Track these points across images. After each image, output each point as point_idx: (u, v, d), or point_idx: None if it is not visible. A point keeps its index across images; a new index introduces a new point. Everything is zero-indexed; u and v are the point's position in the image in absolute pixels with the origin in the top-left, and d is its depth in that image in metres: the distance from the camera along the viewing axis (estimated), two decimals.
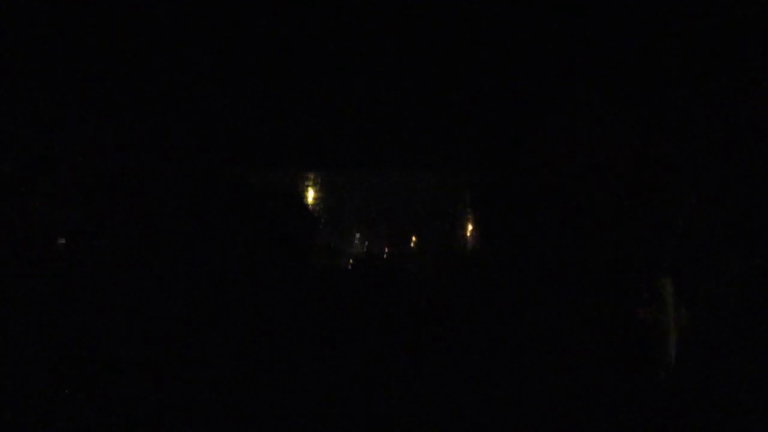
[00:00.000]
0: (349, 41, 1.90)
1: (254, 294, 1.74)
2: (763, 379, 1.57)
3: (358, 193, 2.24)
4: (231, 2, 1.83)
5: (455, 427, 1.61)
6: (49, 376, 1.49)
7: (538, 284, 1.81)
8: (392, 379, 1.78)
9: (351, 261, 2.23)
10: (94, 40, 1.81)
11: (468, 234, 2.10)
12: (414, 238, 2.22)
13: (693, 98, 1.85)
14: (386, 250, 2.23)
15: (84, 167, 1.82)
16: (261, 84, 2.00)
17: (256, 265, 1.80)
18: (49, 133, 1.83)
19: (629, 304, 1.74)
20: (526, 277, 1.84)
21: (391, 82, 2.03)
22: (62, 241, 1.73)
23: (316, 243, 2.08)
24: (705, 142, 1.84)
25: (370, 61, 1.96)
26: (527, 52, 1.93)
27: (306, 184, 2.15)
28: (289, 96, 2.03)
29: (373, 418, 1.69)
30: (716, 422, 1.54)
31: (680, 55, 1.83)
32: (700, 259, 1.79)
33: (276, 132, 2.06)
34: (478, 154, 2.11)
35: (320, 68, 1.97)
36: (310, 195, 2.14)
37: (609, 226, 1.87)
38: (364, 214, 2.25)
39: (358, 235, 2.24)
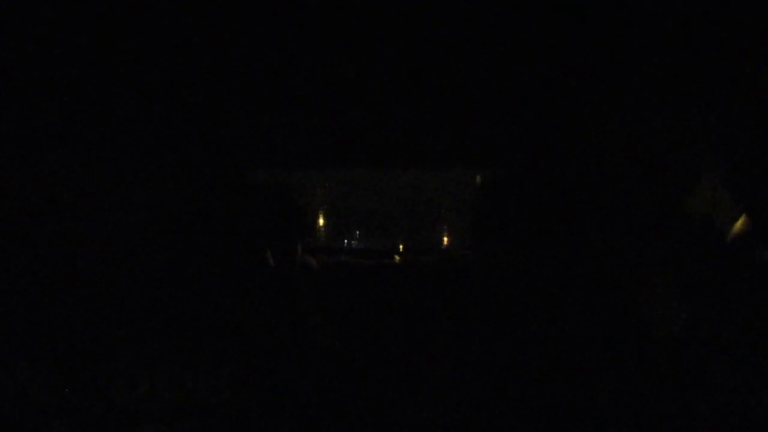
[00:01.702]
0: (348, 42, 1.89)
1: (249, 292, 1.75)
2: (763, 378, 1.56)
3: (357, 192, 2.24)
4: (231, 2, 1.83)
5: (457, 428, 1.61)
6: (46, 376, 1.51)
7: (541, 282, 1.81)
8: (391, 380, 1.78)
9: (349, 259, 2.25)
10: (92, 38, 1.82)
11: (468, 231, 2.10)
12: (413, 236, 2.22)
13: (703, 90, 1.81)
14: (385, 247, 2.24)
15: (79, 167, 1.84)
16: (260, 84, 2.01)
17: (252, 264, 1.81)
18: (46, 134, 1.84)
19: (633, 303, 1.73)
20: (528, 276, 1.84)
21: (391, 82, 2.03)
22: (58, 241, 1.75)
23: (313, 241, 2.09)
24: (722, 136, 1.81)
25: (369, 62, 1.96)
26: (530, 48, 1.92)
27: (304, 183, 2.16)
28: (288, 96, 2.03)
29: (372, 418, 1.70)
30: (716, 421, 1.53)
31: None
32: (707, 257, 1.77)
33: (274, 133, 2.07)
34: (479, 154, 2.11)
35: (319, 69, 1.97)
36: (309, 194, 2.15)
37: (612, 222, 1.86)
38: (363, 213, 2.26)
39: (357, 233, 2.25)
